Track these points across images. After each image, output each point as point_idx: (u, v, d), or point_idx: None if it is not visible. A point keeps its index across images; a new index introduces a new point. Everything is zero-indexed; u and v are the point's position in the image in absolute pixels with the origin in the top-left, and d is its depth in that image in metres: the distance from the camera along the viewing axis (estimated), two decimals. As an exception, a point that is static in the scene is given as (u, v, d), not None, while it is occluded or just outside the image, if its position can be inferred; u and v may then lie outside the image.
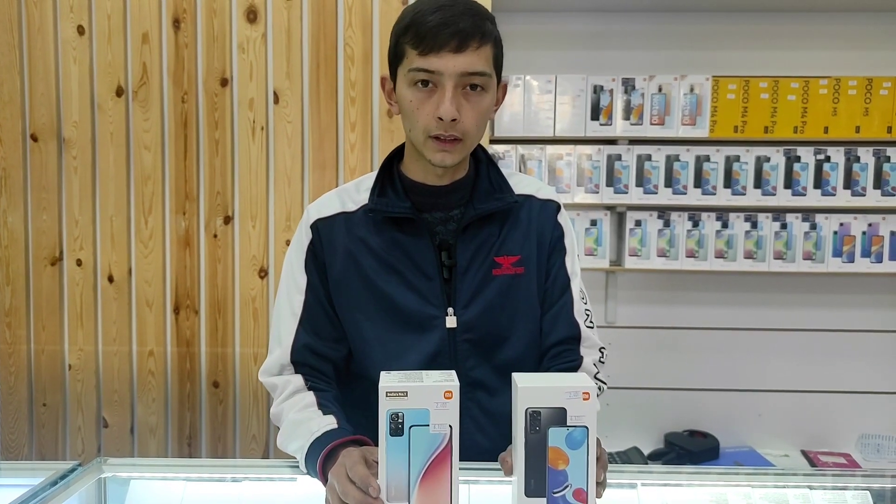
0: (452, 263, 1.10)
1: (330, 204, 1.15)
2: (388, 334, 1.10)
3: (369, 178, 1.15)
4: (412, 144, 1.08)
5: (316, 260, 1.13)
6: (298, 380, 1.11)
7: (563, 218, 1.18)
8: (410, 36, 1.01)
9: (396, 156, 1.16)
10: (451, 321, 1.09)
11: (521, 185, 1.17)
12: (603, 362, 1.18)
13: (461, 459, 0.96)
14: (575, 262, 1.18)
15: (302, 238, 1.15)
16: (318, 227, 1.13)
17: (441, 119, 1.00)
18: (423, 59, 1.00)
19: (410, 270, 1.10)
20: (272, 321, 1.17)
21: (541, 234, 1.15)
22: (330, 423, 1.02)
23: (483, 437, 1.08)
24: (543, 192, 1.18)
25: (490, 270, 1.10)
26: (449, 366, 1.09)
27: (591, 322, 1.18)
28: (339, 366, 1.15)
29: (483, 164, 1.16)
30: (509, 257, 1.11)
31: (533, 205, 1.16)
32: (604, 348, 1.19)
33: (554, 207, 1.17)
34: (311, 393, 1.09)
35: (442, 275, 1.10)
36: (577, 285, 1.17)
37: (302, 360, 1.12)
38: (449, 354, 1.10)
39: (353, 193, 1.15)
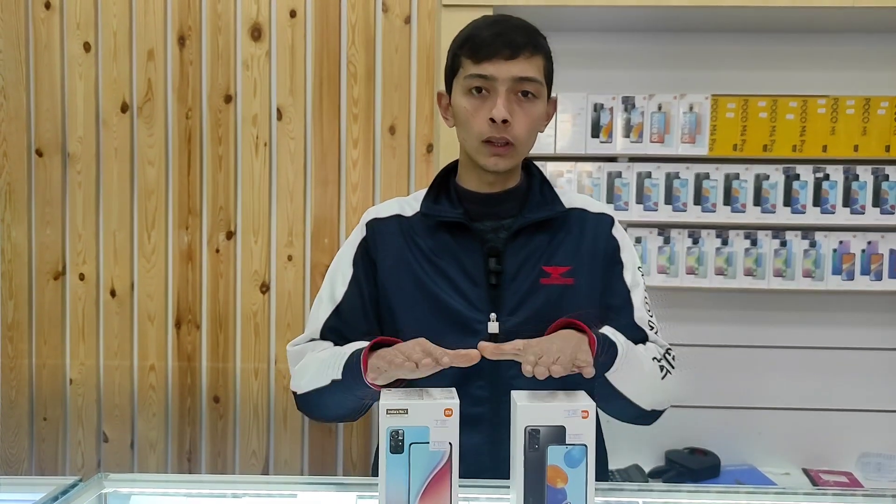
0: (500, 270, 1.12)
1: (388, 208, 1.21)
2: (430, 335, 1.11)
3: (425, 190, 1.21)
4: (466, 154, 1.14)
5: (365, 256, 1.18)
6: (328, 343, 1.17)
7: (619, 231, 1.20)
8: (467, 48, 1.09)
9: (452, 171, 1.21)
10: (494, 327, 1.11)
11: (574, 200, 1.20)
12: (670, 361, 1.16)
13: (497, 470, 0.97)
14: (636, 274, 1.18)
15: (356, 234, 1.21)
16: (373, 225, 1.19)
17: (493, 121, 1.06)
18: (477, 66, 1.07)
19: (458, 275, 1.13)
20: (312, 308, 1.23)
21: (594, 247, 1.16)
22: (363, 343, 1.05)
23: None
24: (596, 206, 1.21)
25: (538, 279, 1.12)
26: (490, 372, 1.10)
27: (656, 332, 1.18)
28: None
29: (536, 178, 1.20)
30: (559, 268, 1.13)
31: (586, 217, 1.18)
32: (671, 349, 1.18)
33: (608, 220, 1.19)
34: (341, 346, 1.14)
35: (489, 281, 1.12)
36: (638, 295, 1.17)
37: (328, 338, 1.18)
38: (490, 362, 1.09)
39: (412, 201, 1.21)
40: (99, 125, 1.97)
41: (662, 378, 1.13)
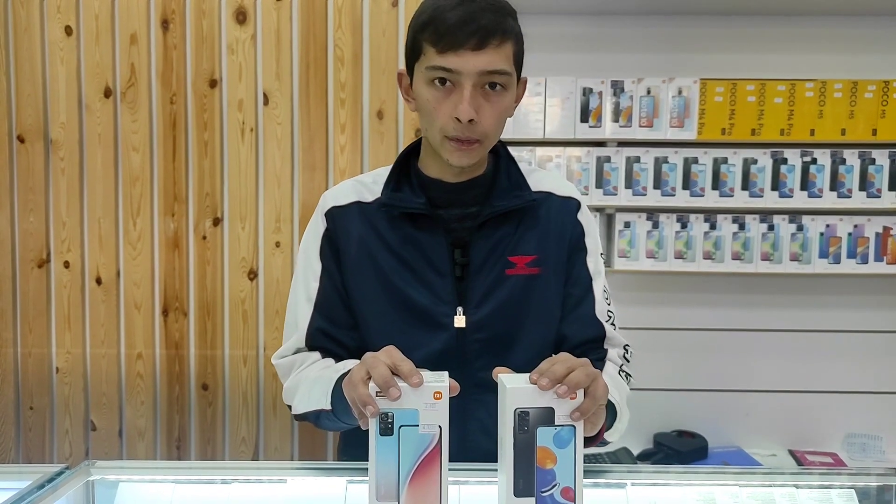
0: (466, 261, 1.08)
1: (346, 193, 1.14)
2: (396, 330, 1.08)
3: (385, 171, 1.14)
4: (429, 142, 1.07)
5: (331, 247, 1.12)
6: (316, 354, 1.10)
7: (584, 216, 1.15)
8: (429, 32, 0.99)
9: (413, 151, 1.14)
10: (460, 320, 1.07)
11: (541, 182, 1.14)
12: (629, 360, 1.16)
13: (466, 461, 0.96)
14: (598, 262, 1.15)
15: (318, 225, 1.14)
16: (334, 214, 1.12)
17: (459, 120, 0.98)
18: (441, 58, 0.97)
19: (423, 267, 1.08)
20: (288, 309, 1.17)
21: (560, 234, 1.12)
22: (353, 362, 0.98)
23: (488, 440, 1.02)
24: (563, 188, 1.15)
25: (503, 270, 1.08)
26: (457, 366, 1.07)
27: (613, 323, 1.16)
28: (353, 354, 1.13)
29: (503, 160, 1.13)
30: (524, 257, 1.09)
31: (552, 202, 1.13)
32: (628, 346, 1.17)
33: (574, 205, 1.14)
34: (330, 359, 1.09)
35: (454, 273, 1.08)
36: (599, 285, 1.14)
37: (317, 344, 1.11)
38: (457, 354, 1.08)
39: (370, 185, 1.13)
40: (82, 110, 1.94)
41: (627, 385, 1.14)
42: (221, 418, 2.00)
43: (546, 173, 1.19)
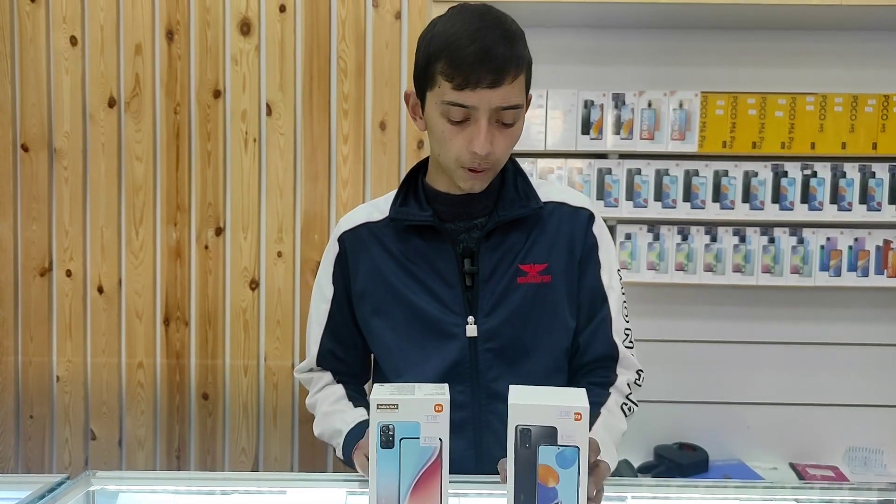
0: (475, 271, 1.09)
1: (357, 216, 1.18)
2: (409, 342, 1.10)
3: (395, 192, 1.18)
4: (440, 163, 1.08)
5: (342, 271, 1.16)
6: (328, 375, 1.20)
7: (599, 228, 1.15)
8: (445, 65, 0.98)
9: (421, 168, 1.17)
10: (472, 330, 1.08)
11: (552, 192, 1.15)
12: (639, 385, 1.16)
13: (479, 473, 0.96)
14: (613, 277, 1.14)
15: (331, 250, 1.18)
16: (345, 239, 1.16)
17: (475, 153, 1.00)
18: (457, 94, 0.98)
19: (432, 278, 1.09)
20: (307, 328, 1.24)
21: (571, 243, 1.11)
22: (361, 414, 1.10)
23: (503, 450, 1.06)
24: (576, 199, 1.15)
25: (515, 278, 1.08)
26: (469, 376, 1.08)
27: (630, 342, 1.15)
28: (360, 372, 1.24)
29: (510, 173, 1.14)
30: (536, 265, 1.09)
31: (564, 212, 1.13)
32: (641, 371, 1.16)
33: (587, 215, 1.14)
34: (341, 386, 1.18)
35: (464, 282, 1.09)
36: (616, 301, 1.13)
37: (326, 365, 1.21)
38: (470, 364, 1.08)
39: (381, 205, 1.17)
40: (86, 120, 1.95)
41: (626, 418, 1.13)
42: (221, 428, 1.99)
43: (558, 186, 1.20)
